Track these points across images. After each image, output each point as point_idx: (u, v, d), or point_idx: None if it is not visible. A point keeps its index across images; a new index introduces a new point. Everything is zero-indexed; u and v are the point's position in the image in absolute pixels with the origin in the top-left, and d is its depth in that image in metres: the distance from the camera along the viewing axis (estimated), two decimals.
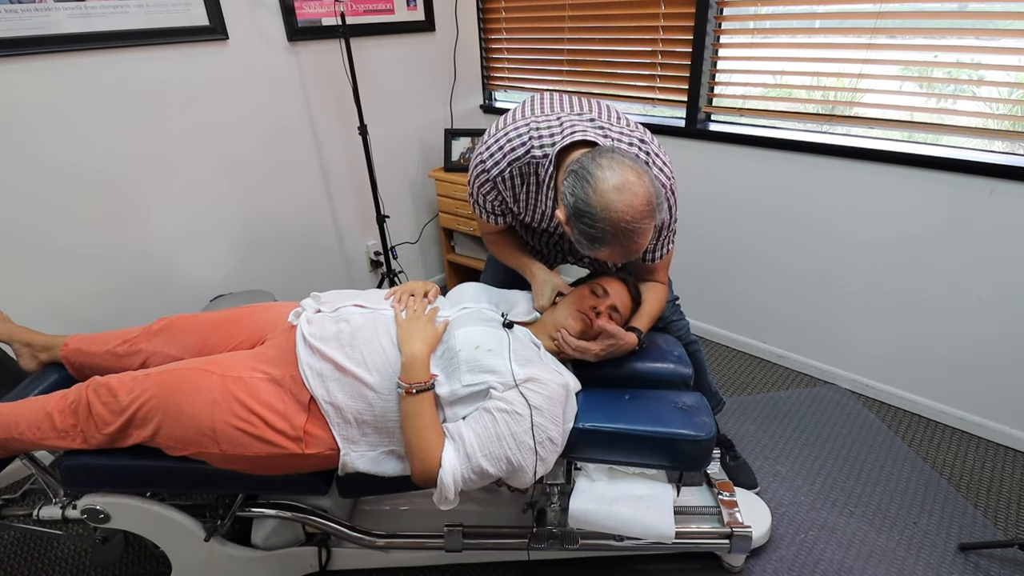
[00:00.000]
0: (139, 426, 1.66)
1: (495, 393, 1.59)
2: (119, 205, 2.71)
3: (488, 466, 1.54)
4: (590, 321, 1.81)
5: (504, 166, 1.84)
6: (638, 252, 1.60)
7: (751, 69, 2.97)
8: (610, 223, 1.51)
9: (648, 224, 1.55)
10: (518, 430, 1.55)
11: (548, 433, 1.58)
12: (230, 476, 1.74)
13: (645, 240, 1.57)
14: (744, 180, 3.07)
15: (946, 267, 2.63)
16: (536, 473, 1.58)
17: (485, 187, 1.91)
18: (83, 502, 1.85)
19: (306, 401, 1.67)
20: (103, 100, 2.57)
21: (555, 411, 1.61)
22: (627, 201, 1.50)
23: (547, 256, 2.33)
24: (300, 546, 2.07)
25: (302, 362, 1.69)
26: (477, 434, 1.55)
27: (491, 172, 1.86)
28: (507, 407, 1.56)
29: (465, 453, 1.54)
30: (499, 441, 1.54)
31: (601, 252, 1.59)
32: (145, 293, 2.89)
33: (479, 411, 1.59)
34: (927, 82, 2.59)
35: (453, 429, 1.59)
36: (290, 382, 1.68)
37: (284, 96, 3.14)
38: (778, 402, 3.04)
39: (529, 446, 1.55)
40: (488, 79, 4.09)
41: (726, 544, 2.10)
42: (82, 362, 1.97)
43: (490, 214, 2.04)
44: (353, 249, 3.76)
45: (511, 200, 1.94)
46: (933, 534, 2.31)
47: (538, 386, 1.61)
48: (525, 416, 1.55)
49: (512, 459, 1.55)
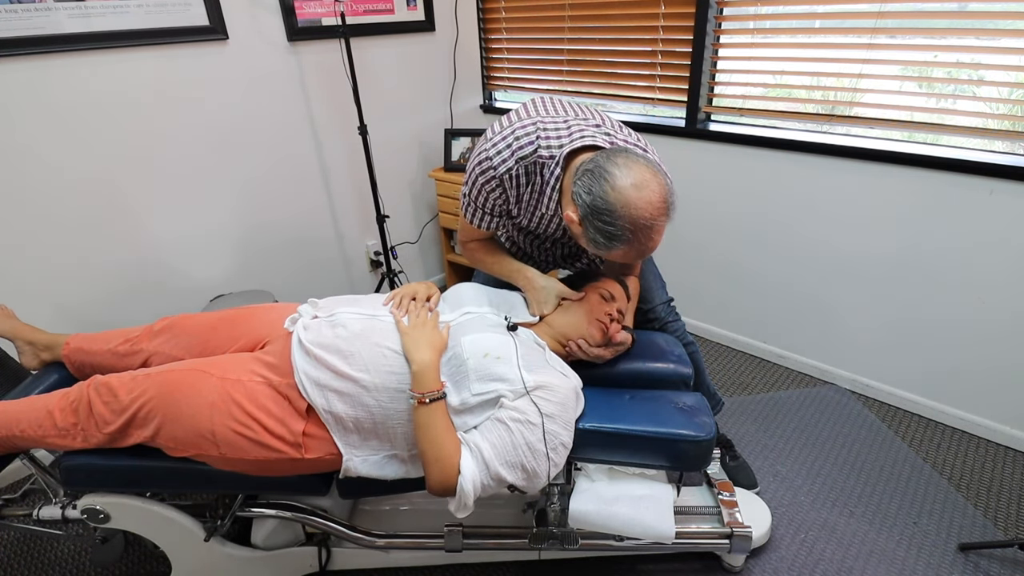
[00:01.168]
0: (140, 426, 1.67)
1: (506, 403, 1.58)
2: (120, 205, 2.72)
3: (506, 473, 1.55)
4: (606, 328, 1.83)
5: (512, 164, 1.82)
6: (652, 250, 1.63)
7: (751, 69, 2.97)
8: (629, 220, 1.53)
9: (664, 222, 1.57)
10: (532, 439, 1.55)
11: (560, 439, 1.59)
12: (230, 477, 1.74)
13: (660, 238, 1.59)
14: (744, 180, 3.08)
15: (946, 267, 2.63)
16: (549, 477, 1.59)
17: (490, 185, 1.87)
18: (83, 502, 1.86)
19: (303, 409, 1.66)
20: (103, 100, 2.58)
21: (567, 417, 1.62)
22: (646, 198, 1.52)
23: (538, 262, 2.33)
24: (300, 546, 2.08)
25: (298, 371, 1.68)
26: (492, 444, 1.55)
27: (498, 169, 1.83)
28: (520, 417, 1.56)
29: (483, 461, 1.54)
30: (515, 450, 1.55)
31: (617, 251, 1.60)
32: (146, 293, 2.90)
33: (492, 421, 1.59)
34: (927, 82, 2.59)
35: (469, 439, 1.58)
36: (287, 389, 1.68)
37: (284, 96, 3.15)
38: (778, 402, 3.05)
39: (543, 452, 1.56)
40: (488, 79, 4.10)
41: (726, 544, 2.10)
42: (83, 361, 1.97)
43: (486, 214, 1.99)
44: (353, 249, 3.77)
45: (513, 200, 1.92)
46: (933, 534, 2.32)
47: (549, 393, 1.61)
48: (538, 425, 1.56)
49: (527, 466, 1.56)
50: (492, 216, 1.99)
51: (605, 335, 1.83)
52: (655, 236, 1.57)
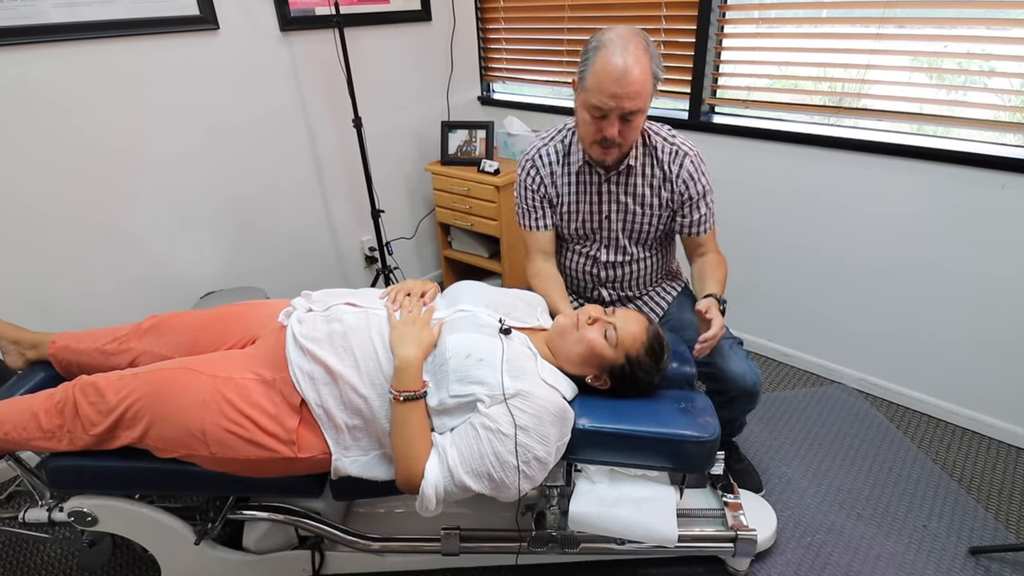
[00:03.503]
0: (127, 427, 1.67)
1: (481, 408, 1.59)
2: (107, 199, 2.71)
3: (470, 482, 1.56)
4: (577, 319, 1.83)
5: (547, 140, 2.25)
6: (628, 82, 1.83)
7: (756, 60, 2.96)
8: (597, 39, 1.88)
9: (637, 49, 1.84)
10: (501, 449, 1.56)
11: (534, 453, 1.58)
12: (221, 478, 1.74)
13: (637, 69, 1.83)
14: (748, 173, 3.07)
15: (956, 263, 2.63)
16: (521, 490, 1.60)
17: (526, 166, 2.26)
18: (70, 504, 1.85)
19: (297, 404, 1.67)
20: (90, 92, 2.56)
21: (543, 430, 1.60)
22: (616, 30, 1.87)
23: (580, 282, 2.42)
24: (293, 549, 2.08)
25: (292, 364, 1.69)
26: (460, 450, 1.57)
27: (531, 152, 2.26)
28: (492, 425, 1.56)
29: (448, 467, 1.56)
30: (482, 459, 1.56)
31: (591, 79, 1.87)
32: (134, 290, 2.89)
33: (466, 426, 1.60)
34: (937, 73, 2.58)
35: (439, 441, 1.60)
36: (281, 384, 1.68)
37: (276, 88, 3.14)
38: (784, 402, 3.05)
39: (512, 465, 1.56)
40: (486, 70, 4.09)
41: (730, 548, 2.10)
42: (70, 360, 1.96)
43: (533, 209, 2.28)
44: (347, 245, 3.76)
45: (549, 182, 2.23)
46: (943, 537, 2.31)
47: (527, 403, 1.60)
48: (510, 436, 1.56)
49: (495, 477, 1.56)
50: (538, 208, 2.28)
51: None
52: (627, 57, 1.82)
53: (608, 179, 2.16)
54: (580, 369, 1.81)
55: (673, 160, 2.13)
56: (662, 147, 2.14)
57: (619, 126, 1.92)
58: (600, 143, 1.99)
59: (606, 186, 2.18)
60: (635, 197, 2.18)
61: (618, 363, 1.78)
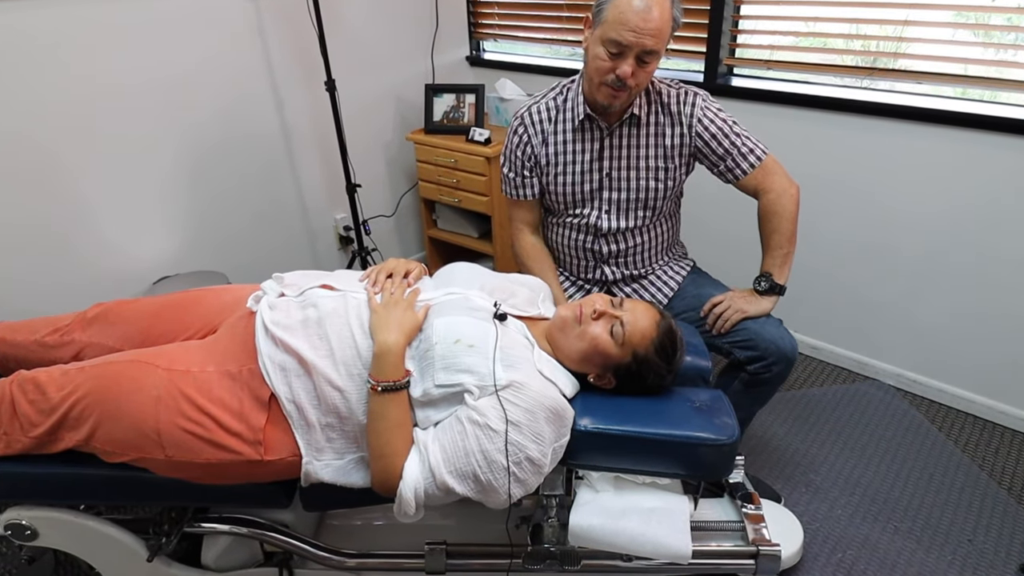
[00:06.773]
0: (71, 428, 1.66)
1: (469, 400, 1.58)
2: (44, 174, 2.69)
3: (454, 484, 1.55)
4: (580, 310, 1.81)
5: (540, 98, 2.33)
6: (651, 18, 1.91)
7: (780, 15, 2.96)
8: None
9: None
10: (490, 447, 1.54)
11: (526, 452, 1.57)
12: (177, 486, 1.73)
13: (658, 8, 1.92)
14: (771, 142, 3.03)
15: (1008, 244, 2.63)
16: (512, 496, 1.59)
17: (514, 124, 2.36)
18: (6, 516, 1.85)
19: (266, 399, 1.66)
20: (33, 46, 2.54)
21: (537, 427, 1.59)
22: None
23: (578, 261, 2.45)
24: (258, 567, 2.08)
25: (262, 354, 1.68)
26: (443, 447, 1.56)
27: (521, 110, 2.35)
28: (480, 420, 1.55)
29: (429, 467, 1.55)
30: (467, 457, 1.55)
31: (611, 11, 1.94)
32: (76, 274, 2.88)
33: (451, 420, 1.60)
34: (983, 30, 2.59)
35: (421, 437, 1.60)
36: (248, 376, 1.68)
37: (239, 46, 3.13)
38: (811, 400, 3.06)
39: (502, 466, 1.55)
40: (475, 27, 4.08)
41: (751, 565, 2.10)
42: (5, 353, 1.96)
43: (517, 175, 2.38)
44: (319, 223, 3.76)
45: (538, 141, 2.31)
46: (991, 553, 2.33)
47: (520, 395, 1.59)
48: (500, 432, 1.55)
49: (482, 478, 1.55)
50: (524, 174, 2.37)
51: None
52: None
53: (612, 131, 2.20)
54: (581, 367, 1.81)
55: (683, 100, 2.22)
56: (667, 92, 2.22)
57: (634, 67, 1.99)
58: (611, 84, 2.04)
59: (608, 139, 2.22)
60: (642, 149, 2.22)
61: (624, 362, 1.78)
